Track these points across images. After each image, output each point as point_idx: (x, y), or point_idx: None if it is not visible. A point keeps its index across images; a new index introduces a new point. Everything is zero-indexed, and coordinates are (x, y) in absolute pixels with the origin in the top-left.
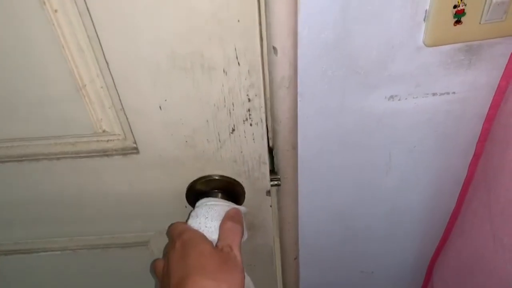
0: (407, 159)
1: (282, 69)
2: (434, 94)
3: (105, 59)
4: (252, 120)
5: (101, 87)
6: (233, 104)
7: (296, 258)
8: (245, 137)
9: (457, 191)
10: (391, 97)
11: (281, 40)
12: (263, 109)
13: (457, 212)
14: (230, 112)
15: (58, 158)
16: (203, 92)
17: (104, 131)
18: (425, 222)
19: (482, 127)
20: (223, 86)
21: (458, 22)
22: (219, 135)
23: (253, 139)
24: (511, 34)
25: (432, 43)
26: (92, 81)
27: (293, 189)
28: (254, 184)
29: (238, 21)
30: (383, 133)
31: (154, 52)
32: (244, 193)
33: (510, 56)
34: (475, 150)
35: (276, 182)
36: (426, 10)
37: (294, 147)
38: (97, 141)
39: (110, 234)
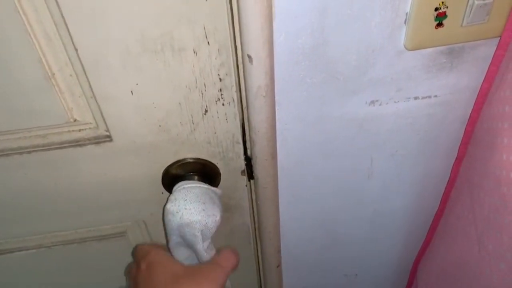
0: (389, 163)
1: (258, 78)
2: (416, 98)
3: (73, 45)
4: (224, 100)
5: (70, 75)
6: (204, 85)
7: (279, 266)
8: (218, 117)
9: (440, 193)
10: (372, 102)
11: (256, 48)
12: (234, 88)
13: (439, 215)
14: (202, 93)
15: (29, 152)
16: (174, 74)
17: (75, 120)
18: (408, 225)
19: (465, 130)
20: (194, 67)
21: (439, 25)
22: (192, 117)
23: (226, 119)
24: (494, 36)
25: (413, 47)
26: (61, 69)
27: (274, 198)
28: (228, 165)
29: (206, 0)
30: (364, 139)
31: (124, 35)
32: (219, 174)
33: (492, 58)
34: (458, 152)
35: (248, 163)
36: (406, 13)
37: (274, 156)
38: (69, 131)
39: (86, 227)
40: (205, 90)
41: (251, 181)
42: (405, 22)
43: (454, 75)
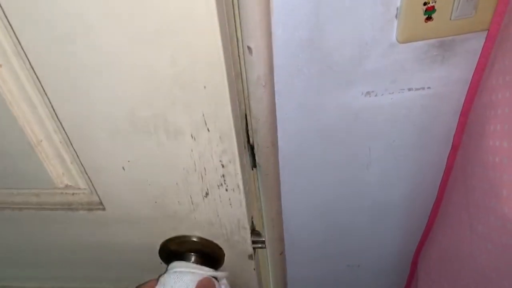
0: (387, 153)
1: (257, 68)
2: (410, 89)
3: (57, 117)
4: (227, 186)
5: (60, 142)
6: (205, 169)
7: (282, 253)
8: (220, 201)
9: (438, 183)
10: (368, 93)
11: (255, 40)
12: (239, 176)
13: (438, 204)
14: (202, 177)
15: (20, 209)
16: (169, 156)
17: (66, 185)
18: (408, 215)
19: (458, 120)
20: (192, 151)
21: (429, 18)
22: (191, 197)
23: (230, 204)
24: (482, 29)
25: (404, 40)
26: (49, 136)
27: (275, 186)
28: (234, 247)
29: (205, 87)
30: (362, 129)
31: (111, 112)
32: (223, 255)
33: (481, 51)
34: (453, 142)
35: (260, 245)
36: (397, 8)
37: (274, 144)
38: (62, 193)
39: (84, 280)
40: (205, 174)
41: (254, 169)
42: (396, 16)
43: (446, 67)
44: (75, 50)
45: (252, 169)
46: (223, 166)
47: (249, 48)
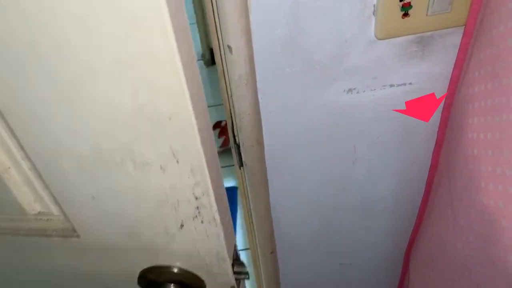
0: (372, 150)
1: (238, 67)
2: (391, 86)
3: (22, 148)
4: (203, 218)
5: (30, 170)
6: (178, 200)
7: (273, 252)
8: (197, 233)
9: (425, 179)
10: (350, 90)
11: (235, 39)
12: (215, 208)
13: (426, 200)
14: (175, 208)
15: None
16: (139, 187)
17: (39, 212)
18: (397, 211)
19: (441, 116)
20: (162, 183)
21: (405, 15)
22: (166, 228)
23: (207, 236)
24: (459, 25)
25: (383, 36)
26: (17, 164)
27: (263, 184)
28: (215, 279)
29: (170, 119)
30: (346, 126)
31: (75, 144)
32: (204, 287)
33: (459, 46)
34: (437, 138)
35: (243, 276)
36: (374, 5)
37: (259, 142)
38: (36, 219)
39: None
40: (178, 206)
41: (242, 168)
42: (373, 13)
43: (426, 63)
44: (32, 81)
45: (240, 168)
46: (196, 198)
47: (229, 47)
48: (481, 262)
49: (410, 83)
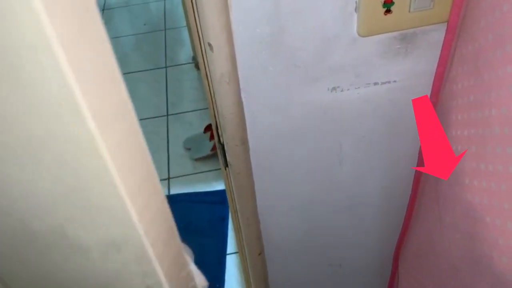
0: (358, 149)
1: (220, 65)
2: (375, 84)
3: None
4: None
5: None
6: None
7: (261, 253)
8: None
9: (412, 177)
10: (334, 88)
11: (215, 36)
12: None
13: (413, 198)
14: None
15: None
16: (81, 271)
17: None
18: (385, 210)
19: None
20: (107, 270)
21: (388, 11)
22: None
23: None
24: (441, 21)
25: (365, 33)
26: None
27: (248, 184)
28: None
29: (105, 208)
30: (331, 125)
31: (6, 223)
32: None
33: (443, 43)
34: None
35: None
36: (356, 1)
37: (244, 142)
38: None
39: None
40: None
41: (227, 168)
42: (355, 10)
43: (410, 60)
44: None
45: (225, 169)
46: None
47: (209, 45)
48: (468, 260)
49: (394, 81)
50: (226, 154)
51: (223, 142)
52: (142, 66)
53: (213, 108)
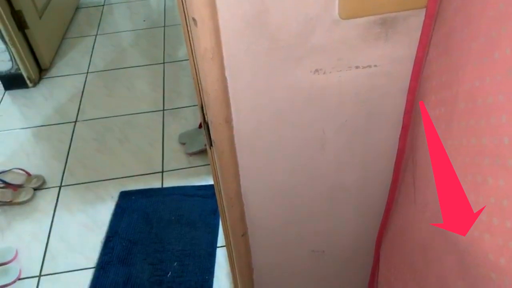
0: (340, 134)
1: (203, 40)
2: (357, 67)
3: None
4: None
5: None
6: None
7: (244, 234)
8: None
9: (393, 164)
10: (316, 70)
11: (199, 11)
12: None
13: (395, 185)
14: None
15: None
16: None
17: None
18: (368, 197)
19: (406, 99)
20: None
21: None
22: None
23: None
24: (421, 7)
25: (346, 16)
26: None
27: (232, 164)
28: None
29: None
30: (314, 109)
31: None
32: None
33: (422, 28)
34: (403, 122)
35: None
36: None
37: (228, 120)
38: None
39: None
40: None
41: (211, 148)
42: None
43: (390, 45)
44: None
45: (210, 148)
46: None
47: (194, 19)
48: (436, 238)
49: (376, 65)
50: (210, 133)
51: (208, 120)
52: (141, 61)
53: (198, 85)
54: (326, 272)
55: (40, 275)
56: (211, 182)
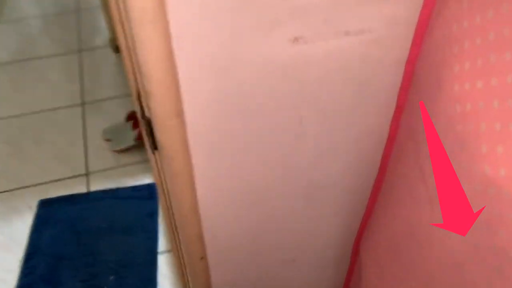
0: (321, 120)
1: None
2: (347, 33)
3: None
4: None
5: None
6: None
7: (203, 258)
8: None
9: (380, 154)
10: (296, 39)
11: None
12: None
13: (380, 178)
14: None
15: None
16: None
17: None
18: (347, 195)
19: (404, 70)
20: None
21: None
22: None
23: None
24: None
25: None
26: None
27: (186, 172)
28: None
29: None
30: (291, 90)
31: None
32: None
33: None
34: (398, 101)
35: None
36: None
37: (179, 115)
38: None
39: None
40: None
41: (156, 152)
42: None
43: (390, 4)
44: None
45: (153, 153)
46: None
47: None
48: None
49: (369, 30)
50: (155, 133)
51: (148, 115)
52: (52, 50)
53: (132, 66)
54: (296, 281)
55: None
56: (145, 181)
